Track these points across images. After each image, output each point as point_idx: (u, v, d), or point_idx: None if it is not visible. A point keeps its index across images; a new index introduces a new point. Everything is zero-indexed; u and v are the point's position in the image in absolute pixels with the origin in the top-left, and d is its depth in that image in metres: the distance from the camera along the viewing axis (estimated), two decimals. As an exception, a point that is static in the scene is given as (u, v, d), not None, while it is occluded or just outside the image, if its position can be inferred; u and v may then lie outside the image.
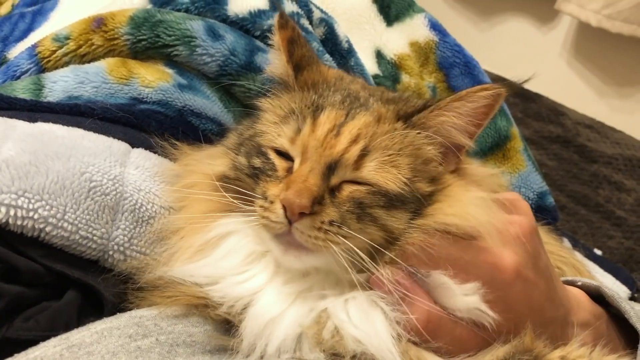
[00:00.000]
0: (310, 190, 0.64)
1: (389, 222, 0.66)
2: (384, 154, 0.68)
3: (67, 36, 0.94)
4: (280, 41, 0.77)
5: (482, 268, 0.66)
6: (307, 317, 0.64)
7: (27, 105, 0.83)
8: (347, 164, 0.67)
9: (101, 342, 0.61)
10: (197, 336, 0.64)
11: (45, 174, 0.70)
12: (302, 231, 0.63)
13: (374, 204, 0.66)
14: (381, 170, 0.67)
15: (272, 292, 0.66)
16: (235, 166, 0.72)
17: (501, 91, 0.68)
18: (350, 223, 0.64)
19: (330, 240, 0.63)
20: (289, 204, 0.63)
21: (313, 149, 0.67)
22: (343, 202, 0.65)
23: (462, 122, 0.69)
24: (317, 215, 0.63)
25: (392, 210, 0.66)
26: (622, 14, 2.33)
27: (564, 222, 1.49)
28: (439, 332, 0.64)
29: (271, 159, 0.70)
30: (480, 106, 0.69)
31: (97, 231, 0.71)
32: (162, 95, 0.89)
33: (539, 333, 0.66)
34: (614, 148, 1.72)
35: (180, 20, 0.94)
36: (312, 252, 0.64)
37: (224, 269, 0.68)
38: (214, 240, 0.70)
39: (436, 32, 1.18)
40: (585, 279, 0.84)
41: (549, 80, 2.51)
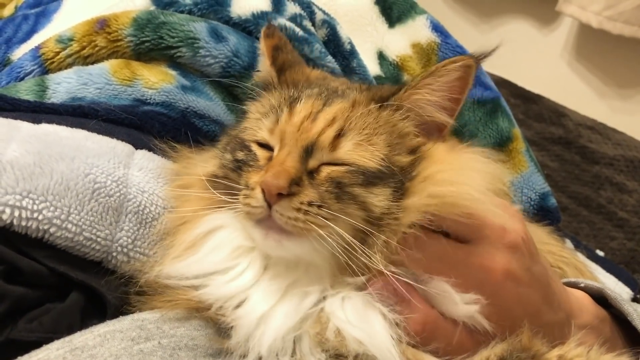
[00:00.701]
0: (288, 172, 0.64)
1: (368, 198, 0.65)
2: (360, 134, 0.69)
3: (70, 37, 0.94)
4: (265, 48, 0.81)
5: (473, 269, 0.66)
6: (296, 315, 0.64)
7: (31, 107, 0.83)
8: (324, 145, 0.68)
9: (104, 345, 0.61)
10: (199, 339, 0.64)
11: (50, 175, 0.70)
12: (282, 213, 0.63)
13: (353, 182, 0.66)
14: (358, 150, 0.68)
15: (260, 289, 0.66)
16: (223, 164, 0.73)
17: (469, 62, 0.69)
18: (330, 203, 0.64)
19: (311, 222, 0.63)
20: (267, 186, 0.63)
21: (290, 135, 0.69)
22: (321, 182, 0.66)
23: (436, 97, 0.70)
24: (295, 196, 0.63)
25: (371, 187, 0.66)
26: (623, 16, 2.34)
27: (566, 223, 1.49)
28: (435, 335, 0.64)
29: (253, 150, 0.72)
30: (452, 79, 0.69)
31: (101, 232, 0.72)
32: (165, 97, 0.90)
33: (535, 331, 0.66)
34: (615, 149, 1.71)
35: (183, 22, 0.94)
36: (293, 237, 0.64)
37: (210, 263, 0.68)
38: (202, 236, 0.70)
39: (438, 33, 1.18)
40: (588, 280, 0.84)
41: (550, 81, 2.52)
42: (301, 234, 0.63)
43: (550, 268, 0.75)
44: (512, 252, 0.68)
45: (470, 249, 0.67)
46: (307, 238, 0.64)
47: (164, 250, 0.72)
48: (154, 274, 0.69)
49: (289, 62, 0.81)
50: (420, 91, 0.70)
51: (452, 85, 0.70)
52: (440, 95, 0.70)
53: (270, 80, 0.80)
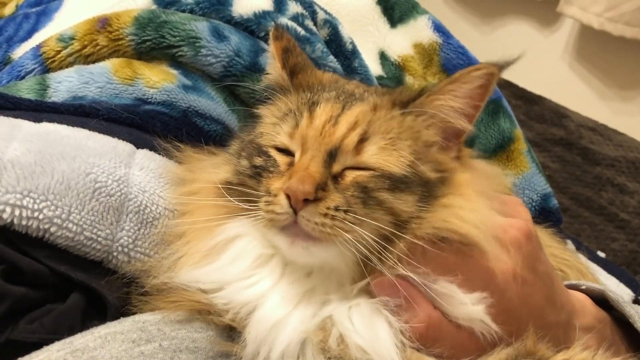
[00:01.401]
0: (313, 177, 0.64)
1: (395, 204, 0.65)
2: (384, 138, 0.68)
3: (71, 36, 0.93)
4: (275, 50, 0.80)
5: (478, 272, 0.66)
6: (310, 321, 0.64)
7: (32, 106, 0.82)
8: (348, 149, 0.67)
9: (105, 346, 0.60)
10: (200, 342, 0.64)
11: (51, 174, 0.69)
12: (309, 219, 0.62)
13: (379, 187, 0.65)
14: (382, 154, 0.67)
15: (277, 296, 0.65)
16: (238, 171, 0.72)
17: (493, 70, 0.69)
18: (356, 208, 0.64)
19: (338, 227, 0.62)
20: (292, 191, 0.62)
21: (312, 139, 0.68)
22: (347, 187, 0.65)
23: (459, 104, 0.70)
24: (321, 201, 0.63)
25: (398, 192, 0.66)
26: (625, 17, 2.34)
27: (567, 224, 1.49)
28: (439, 338, 0.64)
29: (272, 156, 0.71)
30: (475, 87, 0.70)
31: (101, 232, 0.71)
32: (166, 96, 0.89)
33: (541, 336, 0.65)
34: (617, 150, 1.72)
35: (185, 21, 0.94)
36: (320, 242, 0.63)
37: (232, 274, 0.67)
38: (221, 245, 0.69)
39: (440, 33, 1.18)
40: (589, 282, 0.84)
41: (550, 83, 2.52)
42: (328, 240, 0.63)
43: (554, 268, 0.75)
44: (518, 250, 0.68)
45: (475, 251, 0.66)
46: (334, 243, 0.63)
47: (172, 255, 0.71)
48: (164, 279, 0.68)
49: (300, 65, 0.80)
50: (443, 97, 0.70)
51: (475, 93, 0.70)
52: (463, 102, 0.70)
53: (283, 84, 0.79)
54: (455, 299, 0.64)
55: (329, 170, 0.66)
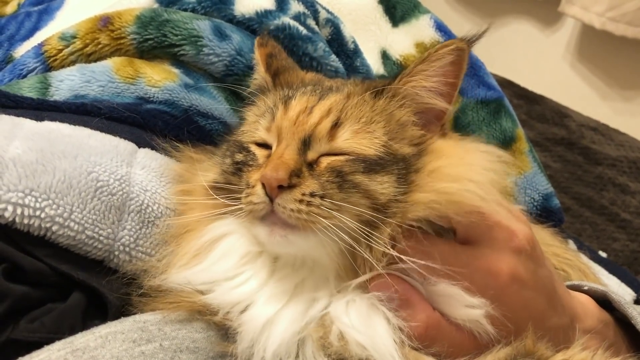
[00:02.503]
0: (286, 164, 0.64)
1: (371, 186, 0.65)
2: (357, 122, 0.69)
3: (73, 35, 0.93)
4: (259, 56, 0.83)
5: (477, 272, 0.65)
6: (302, 319, 0.63)
7: (34, 104, 0.82)
8: (321, 136, 0.68)
9: (105, 346, 0.60)
10: (200, 342, 0.64)
11: (52, 172, 0.69)
12: (284, 206, 0.62)
13: (353, 170, 0.65)
14: (356, 138, 0.68)
15: (266, 293, 0.65)
16: (223, 169, 0.73)
17: (462, 45, 0.69)
18: (332, 193, 0.64)
19: (315, 213, 0.62)
20: (267, 179, 0.63)
21: (287, 129, 0.69)
22: (322, 173, 0.65)
23: (432, 83, 0.70)
24: (296, 187, 0.63)
25: (373, 174, 0.65)
26: (626, 17, 2.34)
27: (569, 224, 1.48)
28: (438, 338, 0.64)
29: (252, 150, 0.72)
30: (446, 64, 0.69)
31: (103, 231, 0.71)
32: (168, 95, 0.89)
33: (540, 335, 0.65)
34: (618, 150, 1.71)
35: (187, 20, 0.94)
36: (298, 230, 0.63)
37: (219, 272, 0.67)
38: (208, 244, 0.70)
39: (442, 33, 1.18)
40: (592, 283, 0.83)
41: (552, 82, 2.52)
42: (306, 227, 0.63)
43: (555, 271, 0.75)
44: (518, 255, 0.68)
45: (475, 252, 0.67)
46: (313, 231, 0.63)
47: (167, 257, 0.71)
48: (158, 281, 0.68)
49: (282, 67, 0.82)
50: (414, 78, 0.70)
51: (447, 70, 0.70)
52: (436, 80, 0.70)
53: (265, 85, 0.80)
54: (453, 299, 0.64)
55: (304, 157, 0.67)
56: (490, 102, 1.13)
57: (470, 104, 1.12)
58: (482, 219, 0.65)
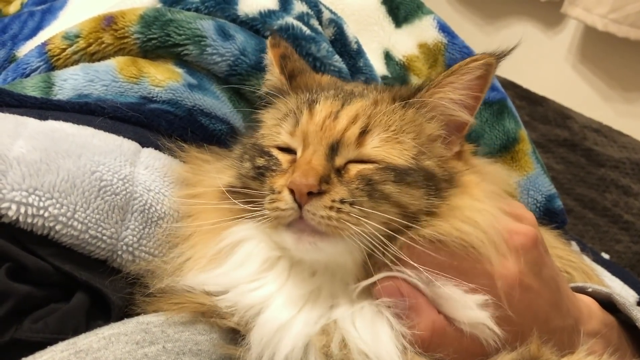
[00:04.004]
0: (316, 170, 0.63)
1: (402, 198, 0.64)
2: (386, 130, 0.68)
3: (77, 34, 0.93)
4: (272, 57, 0.82)
5: (481, 276, 0.65)
6: (315, 325, 0.63)
7: (38, 103, 0.82)
8: (349, 142, 0.67)
9: (108, 348, 0.60)
10: (203, 344, 0.64)
11: (56, 172, 0.69)
12: (314, 212, 0.62)
13: (384, 179, 0.65)
14: (385, 146, 0.67)
15: (282, 298, 0.65)
16: (241, 174, 0.72)
17: (491, 60, 0.70)
18: (362, 201, 0.63)
19: (344, 220, 0.61)
20: (296, 185, 0.62)
21: (313, 134, 0.68)
22: (351, 180, 0.65)
23: (459, 96, 0.70)
24: (326, 194, 0.62)
25: (404, 186, 0.65)
26: (629, 19, 2.33)
27: (571, 225, 1.48)
28: (443, 343, 0.63)
29: (274, 155, 0.71)
30: (473, 78, 0.70)
31: (106, 231, 0.71)
32: (172, 95, 0.89)
33: (545, 340, 0.65)
34: (621, 152, 1.71)
35: (190, 20, 0.93)
36: (327, 237, 0.63)
37: (239, 277, 0.67)
38: (227, 249, 0.69)
39: (445, 33, 1.18)
40: (596, 285, 0.83)
41: (554, 84, 2.51)
42: (335, 234, 0.62)
43: (560, 272, 0.75)
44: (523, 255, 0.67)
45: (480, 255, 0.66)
46: (342, 237, 0.62)
47: (177, 258, 0.71)
48: (169, 282, 0.68)
49: (298, 69, 0.81)
50: (443, 89, 0.70)
51: (474, 84, 0.70)
52: (463, 93, 0.70)
53: (282, 87, 0.79)
54: (459, 302, 0.64)
55: (332, 163, 0.66)
56: (493, 103, 1.13)
57: (473, 105, 1.12)
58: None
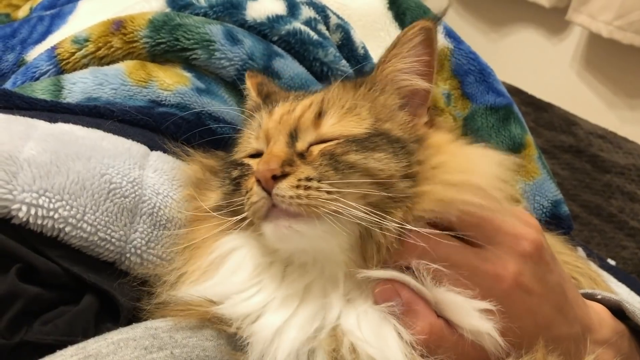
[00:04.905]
0: (277, 155, 0.64)
1: (369, 164, 0.64)
2: (340, 109, 0.70)
3: (86, 38, 0.94)
4: (250, 85, 0.87)
5: (483, 275, 0.64)
6: (310, 327, 0.63)
7: (47, 106, 0.83)
8: (306, 126, 0.69)
9: (117, 353, 0.60)
10: (210, 350, 0.63)
11: (66, 174, 0.70)
12: (283, 194, 0.61)
13: (346, 150, 0.65)
14: (342, 122, 0.69)
15: (276, 302, 0.65)
16: (224, 192, 0.73)
17: (427, 24, 0.71)
18: (328, 175, 0.63)
19: (315, 196, 0.61)
20: (260, 173, 0.62)
21: (273, 129, 0.70)
22: (315, 159, 0.65)
23: (406, 64, 0.72)
24: (291, 175, 0.62)
25: (368, 152, 0.65)
26: (634, 25, 2.34)
27: (577, 231, 1.48)
28: (440, 346, 0.62)
29: (246, 163, 0.72)
30: (416, 44, 0.71)
31: (115, 233, 0.71)
32: (180, 99, 0.89)
33: (551, 349, 0.64)
34: (626, 158, 1.71)
35: (199, 24, 0.94)
36: (302, 218, 0.62)
37: (232, 285, 0.67)
38: (219, 260, 0.69)
39: (451, 39, 1.18)
40: (605, 292, 0.82)
41: (559, 90, 2.52)
42: (310, 213, 0.61)
43: (568, 279, 0.73)
44: (525, 260, 0.67)
45: (481, 254, 0.65)
46: (319, 217, 0.62)
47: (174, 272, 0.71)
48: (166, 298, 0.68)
49: (272, 91, 0.84)
50: (390, 62, 0.73)
51: (419, 50, 0.72)
52: (410, 60, 0.72)
53: (257, 107, 0.81)
54: (461, 308, 0.63)
55: (294, 149, 0.67)
56: (499, 108, 1.13)
57: (480, 110, 1.12)
58: (488, 217, 0.65)
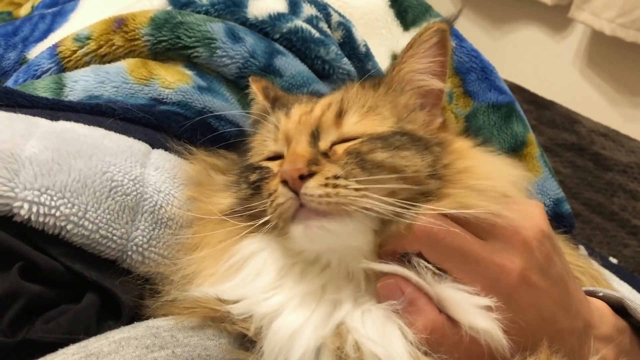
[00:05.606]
0: (302, 155, 0.64)
1: (396, 161, 0.64)
2: (362, 108, 0.71)
3: (88, 36, 0.94)
4: (256, 89, 0.88)
5: (489, 268, 0.64)
6: (324, 326, 0.63)
7: (49, 104, 0.83)
8: (328, 125, 0.69)
9: (119, 352, 0.60)
10: (212, 350, 0.63)
11: (68, 172, 0.70)
12: (311, 193, 0.61)
13: (372, 148, 0.65)
14: (364, 120, 0.70)
15: (295, 302, 0.64)
16: (239, 196, 0.72)
17: (442, 26, 0.73)
18: (355, 173, 0.63)
19: (344, 194, 0.61)
20: (286, 173, 0.62)
21: (293, 130, 0.70)
22: (340, 158, 0.65)
23: (422, 65, 0.75)
24: (318, 174, 0.62)
25: (393, 149, 0.65)
26: (637, 23, 2.33)
27: (579, 230, 1.48)
28: (442, 343, 0.62)
29: (264, 166, 0.72)
30: (431, 45, 0.74)
31: (116, 231, 0.71)
32: (182, 97, 0.89)
33: (555, 350, 0.63)
34: (629, 156, 1.71)
35: (200, 22, 0.94)
36: (333, 217, 0.62)
37: (256, 288, 0.66)
38: (238, 264, 0.68)
39: (453, 37, 1.17)
40: (607, 290, 0.82)
41: (561, 88, 2.51)
42: (340, 211, 0.61)
43: (571, 274, 0.74)
44: (531, 253, 0.66)
45: (488, 245, 0.65)
46: (349, 214, 0.61)
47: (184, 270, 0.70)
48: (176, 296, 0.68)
49: (279, 95, 0.85)
50: (406, 63, 0.75)
51: (434, 51, 0.74)
52: (426, 61, 0.74)
53: (266, 111, 0.81)
54: (465, 305, 0.63)
55: (317, 149, 0.67)
56: (501, 106, 1.13)
57: (482, 108, 1.12)
58: (501, 217, 0.65)
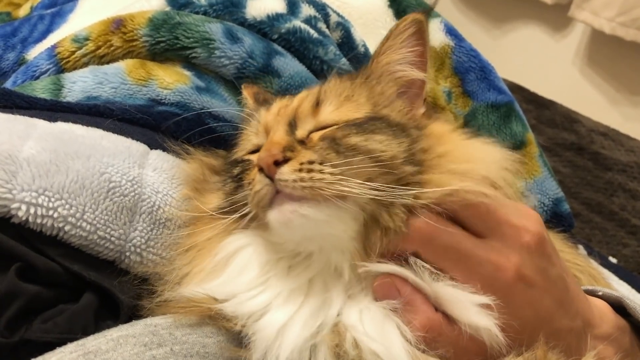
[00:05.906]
0: (277, 142, 0.65)
1: (370, 145, 0.64)
2: (338, 97, 0.72)
3: (86, 37, 0.94)
4: (247, 94, 0.90)
5: (485, 266, 0.64)
6: (314, 323, 0.63)
7: (47, 105, 0.83)
8: (305, 114, 0.71)
9: (117, 349, 0.60)
10: (210, 347, 0.63)
11: (66, 173, 0.70)
12: (285, 178, 0.61)
13: (346, 133, 0.66)
14: (340, 109, 0.71)
15: (280, 299, 0.65)
16: (225, 192, 0.73)
17: (418, 16, 0.74)
18: (330, 157, 0.63)
19: (319, 178, 0.61)
20: (261, 159, 0.63)
21: (272, 122, 0.72)
22: (315, 144, 0.65)
23: (401, 55, 0.75)
24: (292, 159, 0.62)
25: (368, 133, 0.66)
26: (637, 22, 2.33)
27: (579, 229, 1.48)
28: (438, 341, 0.62)
29: (246, 158, 0.73)
30: (408, 36, 0.74)
31: (114, 232, 0.71)
32: (180, 97, 0.90)
33: (552, 346, 0.64)
34: (628, 156, 1.71)
35: (199, 23, 0.94)
36: (308, 201, 0.61)
37: (240, 285, 0.66)
38: (224, 260, 0.69)
39: (452, 37, 1.18)
40: (606, 289, 0.82)
41: (561, 87, 2.51)
42: (315, 195, 0.61)
43: (570, 273, 0.73)
44: (527, 252, 0.66)
45: (484, 244, 0.65)
46: (325, 199, 0.61)
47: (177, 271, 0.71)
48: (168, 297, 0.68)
49: (267, 97, 0.87)
50: (385, 54, 0.75)
51: (411, 41, 0.75)
52: (404, 51, 0.75)
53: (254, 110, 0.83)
54: (461, 303, 0.63)
55: (294, 137, 0.68)
56: (500, 106, 1.13)
57: (481, 108, 1.12)
58: (492, 208, 0.65)
